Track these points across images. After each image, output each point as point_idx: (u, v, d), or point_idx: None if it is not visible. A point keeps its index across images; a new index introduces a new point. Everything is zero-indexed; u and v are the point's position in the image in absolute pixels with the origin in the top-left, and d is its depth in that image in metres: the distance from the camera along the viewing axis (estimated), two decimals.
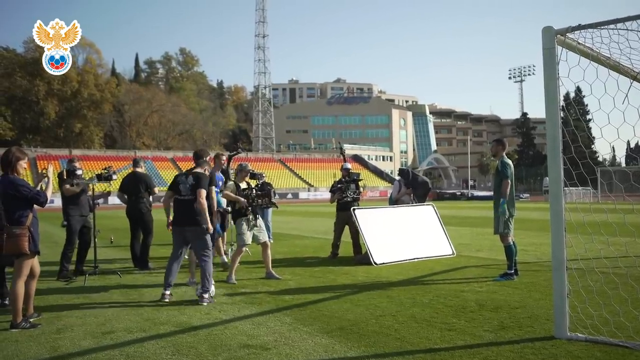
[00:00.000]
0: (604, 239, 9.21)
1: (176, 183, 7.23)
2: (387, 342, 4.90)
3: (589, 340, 4.71)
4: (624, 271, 6.97)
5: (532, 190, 65.65)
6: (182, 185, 7.13)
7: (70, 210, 8.88)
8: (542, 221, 17.31)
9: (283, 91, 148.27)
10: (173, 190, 7.25)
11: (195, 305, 6.57)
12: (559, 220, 4.92)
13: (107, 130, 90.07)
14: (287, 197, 68.21)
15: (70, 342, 5.09)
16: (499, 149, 8.20)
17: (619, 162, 79.50)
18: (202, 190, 7.03)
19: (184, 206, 7.09)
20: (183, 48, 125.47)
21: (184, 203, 7.10)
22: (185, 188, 7.10)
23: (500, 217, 7.89)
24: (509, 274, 7.88)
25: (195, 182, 7.08)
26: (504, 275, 7.90)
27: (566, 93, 6.60)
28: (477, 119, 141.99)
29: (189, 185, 7.09)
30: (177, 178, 7.31)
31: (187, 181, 7.13)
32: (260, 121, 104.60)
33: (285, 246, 13.26)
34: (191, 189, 7.06)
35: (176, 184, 7.22)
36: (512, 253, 7.90)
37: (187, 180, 7.13)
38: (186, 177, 7.20)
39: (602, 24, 4.78)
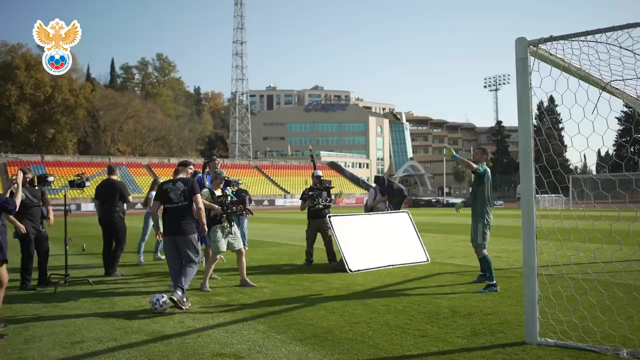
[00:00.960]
0: (573, 245, 9.35)
1: (164, 192, 7.11)
2: (361, 349, 4.91)
3: (558, 345, 4.79)
4: (593, 277, 7.08)
5: (506, 197, 66.45)
6: (173, 193, 7.03)
7: (22, 221, 8.44)
8: (515, 228, 17.53)
9: (260, 98, 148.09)
10: (162, 200, 7.13)
11: (168, 313, 6.49)
12: (530, 228, 4.99)
13: (81, 136, 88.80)
14: (263, 204, 68.06)
15: (38, 353, 4.98)
16: (483, 157, 8.15)
17: (590, 170, 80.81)
18: (199, 196, 7.06)
19: (178, 213, 7.00)
20: (160, 54, 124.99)
21: (177, 210, 7.00)
22: (176, 195, 7.01)
23: (478, 226, 7.81)
24: (492, 284, 7.65)
25: (187, 187, 7.02)
26: (488, 287, 7.65)
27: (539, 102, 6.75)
28: (453, 127, 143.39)
29: (180, 191, 7.00)
30: (163, 187, 7.18)
31: (176, 188, 7.04)
32: (237, 128, 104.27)
33: (261, 253, 13.22)
34: (184, 195, 6.99)
35: (165, 193, 7.10)
36: (488, 263, 7.76)
37: (177, 187, 7.04)
38: (174, 184, 7.11)
39: (572, 35, 4.89)
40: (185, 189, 7.02)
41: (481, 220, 7.84)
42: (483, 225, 7.83)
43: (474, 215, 7.95)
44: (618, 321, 5.15)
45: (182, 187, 7.03)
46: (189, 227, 7.01)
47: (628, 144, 25.77)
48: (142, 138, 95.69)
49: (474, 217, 7.95)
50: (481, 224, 7.83)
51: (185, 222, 6.99)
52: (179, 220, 6.97)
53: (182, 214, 6.99)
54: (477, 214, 7.91)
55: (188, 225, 7.00)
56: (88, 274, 9.80)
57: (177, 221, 6.97)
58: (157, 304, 6.55)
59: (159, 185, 7.46)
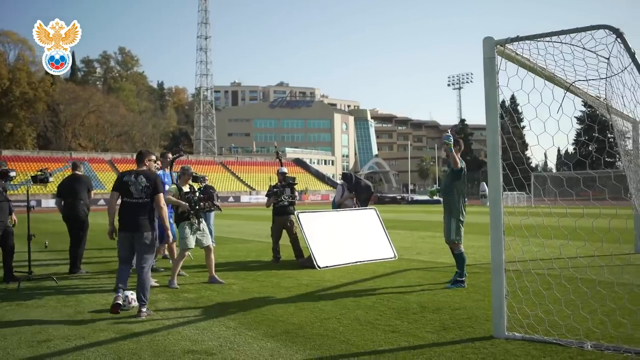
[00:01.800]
0: (539, 241, 9.57)
1: (124, 184, 6.57)
2: (333, 344, 4.94)
3: (525, 339, 4.90)
4: (558, 272, 7.26)
5: (469, 194, 67.36)
6: (134, 187, 6.52)
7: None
8: (479, 225, 17.82)
9: (225, 94, 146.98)
10: (121, 191, 6.59)
11: (136, 311, 6.41)
12: (498, 224, 5.09)
13: (41, 131, 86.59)
14: (229, 200, 67.62)
15: (3, 352, 4.86)
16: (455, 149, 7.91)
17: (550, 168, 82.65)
18: (162, 195, 6.63)
19: (136, 209, 6.49)
20: (122, 47, 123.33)
21: (136, 206, 6.50)
22: (137, 190, 6.52)
23: (451, 223, 7.69)
24: (460, 281, 7.67)
25: (150, 184, 6.55)
26: (456, 283, 7.68)
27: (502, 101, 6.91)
28: (417, 125, 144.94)
29: (142, 187, 6.52)
30: (123, 178, 6.65)
31: (138, 182, 6.54)
32: (201, 124, 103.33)
33: (228, 250, 13.15)
34: (145, 192, 6.52)
35: (124, 185, 6.57)
36: (463, 260, 7.74)
37: (139, 181, 6.54)
38: (136, 177, 6.58)
39: (538, 36, 5.00)
40: (147, 185, 6.54)
41: (456, 216, 7.68)
42: (457, 221, 7.68)
43: (448, 211, 7.78)
44: (582, 315, 5.30)
45: (144, 182, 6.54)
46: (147, 223, 6.50)
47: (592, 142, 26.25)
48: (105, 133, 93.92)
49: (448, 213, 7.78)
50: (455, 219, 7.67)
51: (144, 219, 6.48)
52: (137, 216, 6.47)
53: (141, 211, 6.49)
54: (451, 210, 7.74)
55: (146, 222, 6.50)
56: (51, 271, 9.60)
57: (135, 217, 6.47)
58: (125, 301, 6.45)
59: (119, 175, 6.90)
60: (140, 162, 6.87)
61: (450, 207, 7.77)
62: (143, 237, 6.48)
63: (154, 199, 6.59)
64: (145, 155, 6.95)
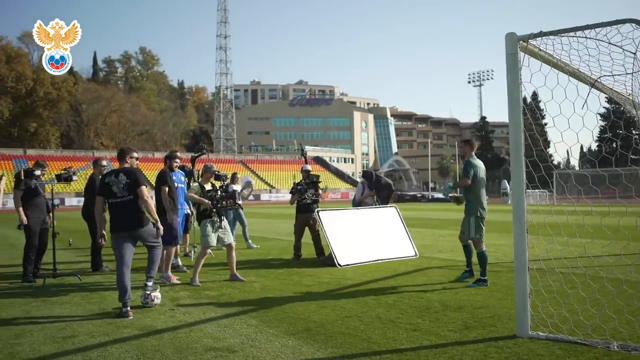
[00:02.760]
0: (563, 239, 9.44)
1: (107, 185, 6.47)
2: (354, 343, 4.93)
3: (549, 339, 4.84)
4: (583, 271, 7.17)
5: (491, 192, 66.78)
6: (115, 186, 6.40)
7: (29, 212, 8.62)
8: (501, 223, 17.67)
9: (245, 92, 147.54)
10: (104, 194, 6.53)
11: (159, 308, 6.47)
12: (521, 222, 5.03)
13: (64, 130, 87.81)
14: (249, 198, 67.82)
15: (29, 348, 4.94)
16: (466, 149, 8.05)
17: (573, 165, 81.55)
18: (144, 188, 6.42)
19: (122, 209, 6.40)
20: (143, 47, 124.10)
21: (122, 205, 6.40)
22: (119, 189, 6.39)
23: (470, 220, 7.71)
24: (483, 280, 7.61)
25: (130, 180, 6.39)
26: (478, 282, 7.64)
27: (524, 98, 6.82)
28: (437, 122, 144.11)
29: (123, 184, 6.39)
30: (105, 179, 6.56)
31: (119, 180, 6.40)
32: (221, 122, 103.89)
33: (250, 248, 13.18)
34: (127, 189, 6.39)
35: (107, 186, 6.47)
36: (485, 259, 7.70)
37: (120, 180, 6.40)
38: (116, 175, 6.46)
39: (562, 31, 4.92)
40: (128, 182, 6.39)
41: (474, 213, 7.70)
42: (476, 219, 7.68)
43: (467, 210, 7.81)
44: (608, 314, 5.22)
45: (124, 179, 6.39)
46: (139, 218, 6.43)
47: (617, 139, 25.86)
48: (126, 132, 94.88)
49: (467, 212, 7.81)
50: (474, 217, 7.69)
51: (134, 216, 6.40)
52: (126, 215, 6.39)
53: (128, 209, 6.38)
54: (469, 208, 7.75)
55: (138, 218, 6.42)
56: (75, 269, 9.73)
57: (124, 216, 6.39)
58: (149, 298, 6.53)
59: (101, 177, 6.76)
60: (122, 160, 6.71)
61: (469, 206, 7.79)
62: (142, 233, 6.50)
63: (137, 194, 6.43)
64: (126, 153, 6.75)
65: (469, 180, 7.71)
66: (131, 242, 6.52)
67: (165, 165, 9.10)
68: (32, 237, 8.67)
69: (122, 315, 6.09)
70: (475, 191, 7.78)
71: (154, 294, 6.61)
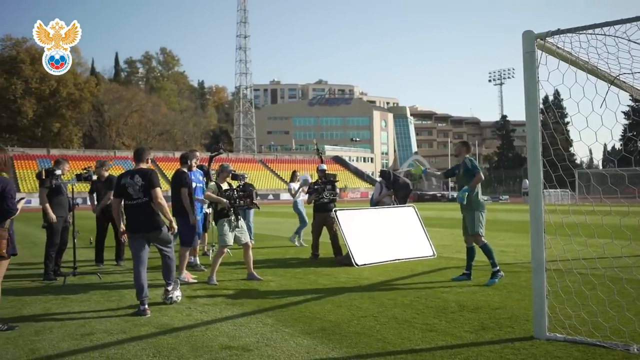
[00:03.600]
0: (582, 240, 9.33)
1: (122, 187, 6.50)
2: (369, 342, 4.92)
3: (567, 340, 4.78)
4: (602, 272, 7.07)
5: (511, 192, 66.20)
6: (131, 188, 6.42)
7: (54, 211, 8.75)
8: (520, 223, 17.50)
9: (264, 92, 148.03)
10: (120, 195, 6.56)
11: (176, 306, 6.53)
12: (538, 222, 4.98)
13: (86, 130, 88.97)
14: (268, 198, 68.08)
15: (48, 344, 5.03)
16: (462, 150, 8.31)
17: (597, 164, 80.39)
18: (158, 190, 6.41)
19: (138, 210, 6.43)
20: (164, 47, 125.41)
21: (137, 207, 6.43)
22: (135, 190, 6.41)
23: (474, 215, 7.92)
24: (495, 272, 7.77)
25: (145, 182, 6.40)
26: (493, 276, 7.76)
27: (545, 96, 6.76)
28: (458, 121, 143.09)
29: (138, 186, 6.40)
30: (121, 180, 6.54)
31: (135, 182, 6.42)
32: (241, 122, 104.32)
33: (267, 247, 13.24)
34: (143, 190, 6.40)
35: (123, 188, 6.50)
36: (490, 250, 7.88)
37: (135, 181, 6.42)
38: (132, 177, 6.47)
39: (580, 29, 4.85)
40: (143, 184, 6.39)
41: (477, 208, 7.96)
42: (479, 214, 7.96)
43: (469, 206, 8.00)
44: (628, 316, 5.14)
45: (139, 181, 6.40)
46: (153, 221, 6.45)
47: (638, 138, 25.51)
48: (147, 132, 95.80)
49: (469, 208, 8.01)
50: (477, 212, 7.95)
51: (149, 218, 6.42)
52: (140, 217, 6.42)
53: (143, 211, 6.40)
54: (471, 204, 7.96)
55: (152, 220, 6.44)
56: (96, 268, 9.87)
57: (139, 218, 6.43)
58: (169, 296, 6.62)
59: (116, 179, 6.79)
60: (140, 161, 6.69)
61: (471, 202, 7.98)
62: (157, 236, 6.56)
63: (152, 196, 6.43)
64: (145, 154, 6.76)
65: (482, 175, 7.98)
66: (147, 242, 6.60)
67: (181, 165, 9.12)
68: (54, 236, 8.83)
69: (140, 313, 6.17)
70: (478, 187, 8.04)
71: (175, 292, 6.71)
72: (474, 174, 7.96)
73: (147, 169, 6.59)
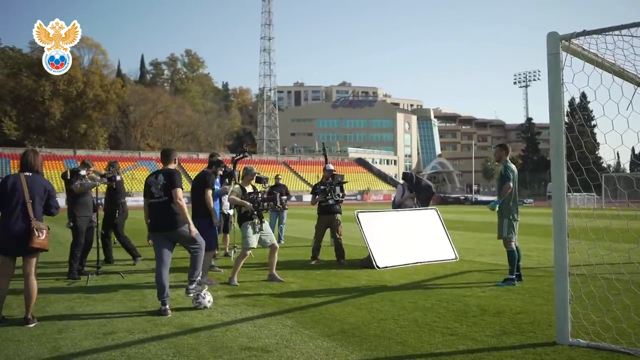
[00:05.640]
0: (607, 245, 9.18)
1: (147, 186, 6.62)
2: (389, 346, 4.90)
3: (590, 347, 4.70)
4: (627, 277, 6.94)
5: (536, 195, 65.44)
6: (154, 187, 6.51)
7: (76, 211, 8.93)
8: (545, 226, 17.27)
9: (288, 94, 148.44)
10: (146, 195, 6.64)
11: (197, 308, 6.56)
12: (561, 226, 4.91)
13: (112, 131, 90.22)
14: (292, 199, 68.21)
15: (71, 342, 5.10)
16: (502, 154, 8.27)
17: (623, 168, 78.91)
18: (179, 190, 6.43)
19: (159, 209, 6.49)
20: (189, 50, 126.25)
21: (158, 206, 6.49)
22: (157, 189, 6.49)
23: (504, 221, 7.94)
24: (510, 279, 7.89)
25: (167, 181, 6.45)
26: (506, 281, 7.92)
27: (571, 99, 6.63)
28: (482, 124, 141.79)
29: (160, 185, 6.47)
30: (147, 180, 6.65)
31: (157, 181, 6.51)
32: (265, 123, 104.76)
33: (289, 249, 13.26)
34: (163, 189, 6.46)
35: (147, 187, 6.61)
36: (514, 258, 7.93)
37: (158, 180, 6.51)
38: (156, 176, 6.58)
39: (606, 30, 4.78)
40: (165, 183, 6.45)
41: (507, 215, 7.95)
42: (509, 221, 7.93)
43: (500, 212, 8.02)
44: None
45: (162, 180, 6.47)
46: (175, 220, 6.44)
47: None
48: (172, 133, 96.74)
49: (500, 214, 8.03)
50: (507, 219, 7.94)
51: (170, 216, 6.43)
52: (161, 215, 6.47)
53: (164, 210, 6.44)
54: (503, 210, 7.99)
55: (174, 218, 6.43)
56: (119, 267, 9.99)
57: (159, 216, 6.49)
58: (200, 301, 6.58)
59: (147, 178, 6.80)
60: (167, 161, 6.73)
61: (502, 208, 8.00)
62: (179, 234, 6.51)
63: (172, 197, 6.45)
64: (172, 154, 6.80)
65: (512, 184, 7.93)
66: (169, 242, 6.62)
67: (209, 168, 9.23)
68: (79, 236, 8.97)
69: (161, 313, 6.22)
70: (510, 195, 8.00)
71: (207, 298, 6.62)
72: (504, 182, 7.92)
73: (171, 169, 6.64)
